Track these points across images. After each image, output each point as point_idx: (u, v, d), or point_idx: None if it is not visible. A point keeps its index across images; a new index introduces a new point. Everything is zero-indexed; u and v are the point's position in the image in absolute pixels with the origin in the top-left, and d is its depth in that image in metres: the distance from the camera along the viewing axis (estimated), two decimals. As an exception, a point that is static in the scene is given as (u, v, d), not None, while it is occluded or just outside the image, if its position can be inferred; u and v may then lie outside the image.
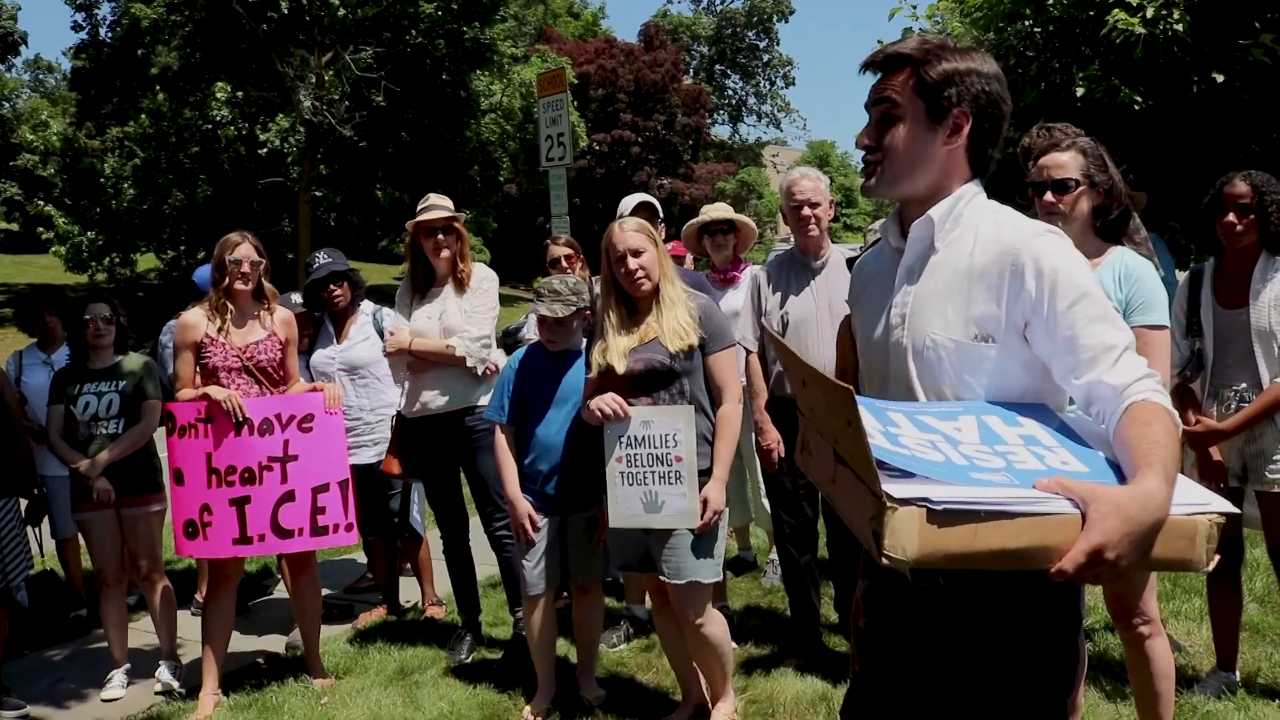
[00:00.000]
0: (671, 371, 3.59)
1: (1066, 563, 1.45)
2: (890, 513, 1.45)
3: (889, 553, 1.46)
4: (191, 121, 27.10)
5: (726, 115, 62.20)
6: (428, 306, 4.81)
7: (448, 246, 4.78)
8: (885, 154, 1.92)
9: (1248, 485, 3.77)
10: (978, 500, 1.47)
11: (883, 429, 1.66)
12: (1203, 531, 1.51)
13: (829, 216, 4.45)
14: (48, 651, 5.41)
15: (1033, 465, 1.61)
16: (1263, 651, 4.32)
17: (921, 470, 1.52)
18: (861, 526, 1.56)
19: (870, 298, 2.09)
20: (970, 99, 1.89)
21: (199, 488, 4.32)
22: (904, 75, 1.90)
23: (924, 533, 1.45)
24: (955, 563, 1.48)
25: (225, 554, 4.39)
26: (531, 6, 45.19)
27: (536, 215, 31.47)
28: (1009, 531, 1.46)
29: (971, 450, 1.64)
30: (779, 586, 5.26)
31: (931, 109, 1.89)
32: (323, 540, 4.44)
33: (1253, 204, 3.62)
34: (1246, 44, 7.37)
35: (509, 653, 4.85)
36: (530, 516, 3.99)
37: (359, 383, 5.25)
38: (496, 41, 28.28)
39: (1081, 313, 1.76)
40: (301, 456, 4.35)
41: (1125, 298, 3.04)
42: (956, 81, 1.88)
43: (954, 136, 1.91)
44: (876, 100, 1.94)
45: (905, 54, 1.91)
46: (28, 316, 6.16)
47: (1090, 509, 1.46)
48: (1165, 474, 1.51)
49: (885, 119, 1.92)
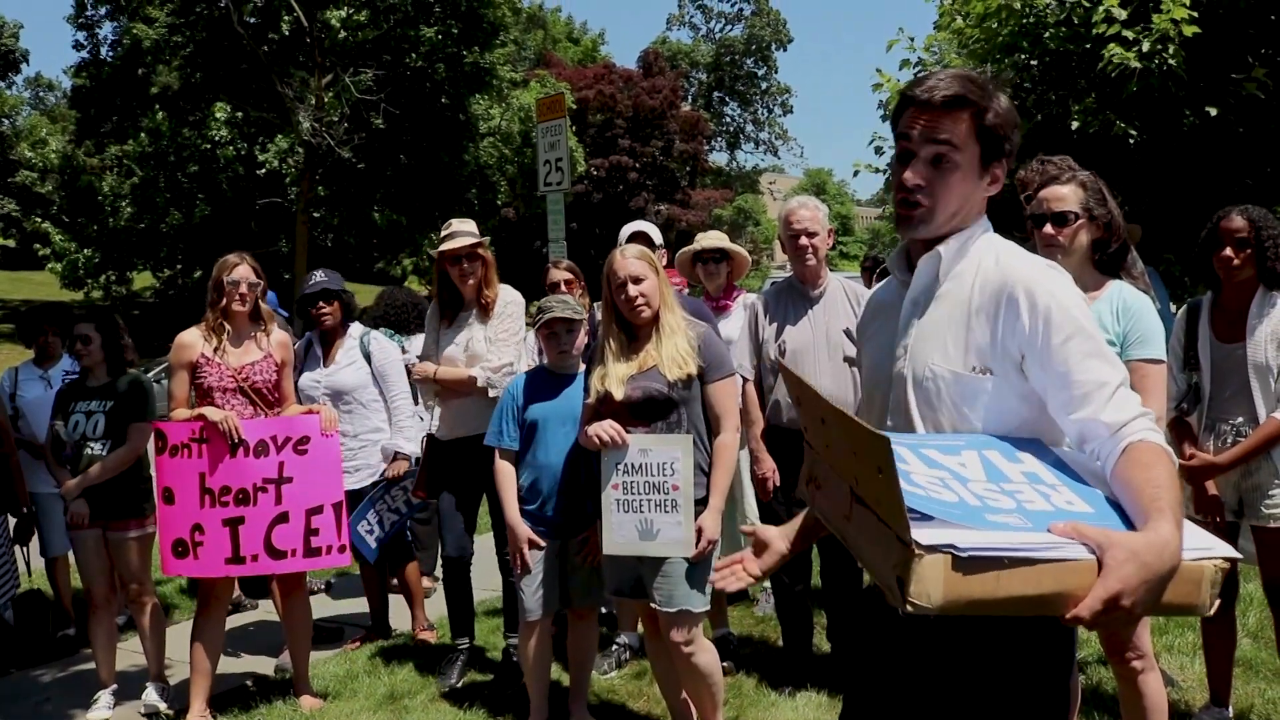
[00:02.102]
0: (669, 400, 3.59)
1: (1083, 609, 1.45)
2: (917, 560, 1.44)
3: (914, 599, 1.45)
4: (190, 141, 27.21)
5: (724, 142, 62.62)
6: (456, 333, 4.84)
7: (473, 274, 4.80)
8: (939, 201, 1.91)
9: (1244, 520, 3.76)
10: (1002, 547, 1.46)
11: None
12: (1208, 576, 1.52)
13: (827, 246, 4.46)
14: (34, 671, 5.36)
15: (1041, 505, 1.61)
16: (1256, 687, 4.30)
17: (939, 512, 1.52)
18: (883, 570, 1.55)
19: (877, 329, 2.10)
20: (1013, 151, 1.91)
21: (191, 507, 4.29)
22: (964, 118, 1.88)
23: (949, 580, 1.44)
24: (976, 609, 1.47)
25: (217, 573, 4.36)
26: (531, 32, 45.55)
27: (534, 239, 31.53)
28: (1030, 578, 1.46)
29: (981, 489, 1.64)
30: (772, 615, 5.24)
31: (986, 155, 1.90)
32: (315, 561, 4.43)
33: (1250, 239, 3.63)
34: (1240, 79, 7.43)
35: (500, 678, 4.82)
36: (531, 540, 3.97)
37: (343, 408, 5.15)
38: (496, 66, 28.49)
39: (1075, 349, 1.77)
40: (296, 479, 4.34)
41: (1123, 331, 3.05)
42: (1009, 133, 1.90)
43: (993, 185, 1.94)
44: (933, 140, 1.89)
45: (968, 98, 1.87)
46: (29, 332, 6.13)
47: (1106, 555, 1.46)
48: (1176, 519, 1.51)
49: (939, 160, 1.89)
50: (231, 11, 24.27)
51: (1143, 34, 7.31)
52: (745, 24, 62.86)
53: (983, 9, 8.35)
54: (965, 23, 8.85)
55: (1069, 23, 7.91)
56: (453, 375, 4.74)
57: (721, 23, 64.31)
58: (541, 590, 3.99)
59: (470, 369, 4.72)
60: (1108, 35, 7.43)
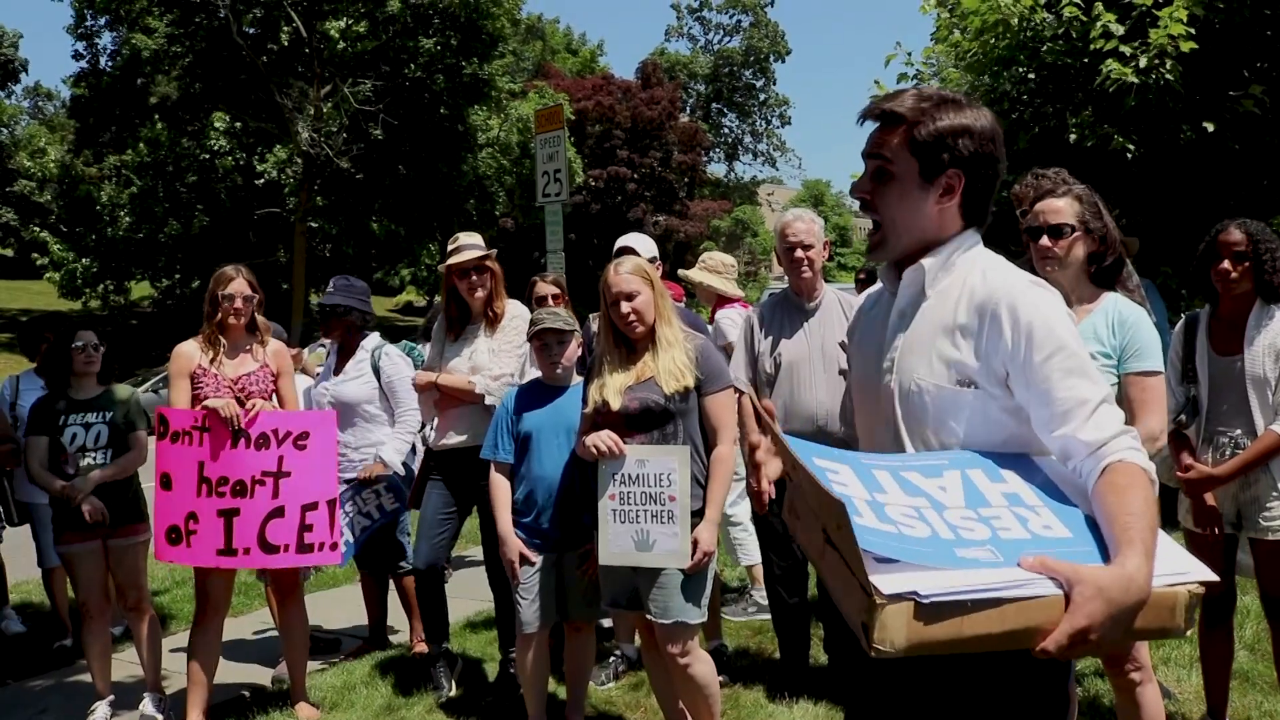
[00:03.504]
0: (666, 411, 3.60)
1: (1050, 644, 1.48)
2: (880, 609, 1.47)
3: (878, 645, 1.48)
4: (189, 151, 27.26)
5: (722, 153, 62.71)
6: (462, 346, 4.85)
7: (481, 286, 4.81)
8: (886, 225, 1.96)
9: (1242, 532, 3.77)
10: (965, 589, 1.49)
11: (869, 497, 1.67)
12: (1182, 602, 1.54)
13: (823, 258, 4.47)
14: (30, 682, 5.36)
15: (1018, 533, 1.62)
16: (1252, 700, 4.30)
17: (907, 556, 1.54)
18: (851, 613, 1.58)
19: (864, 341, 2.12)
20: (963, 160, 1.90)
21: (188, 495, 4.29)
22: (899, 133, 1.92)
23: (912, 627, 1.48)
24: (942, 649, 1.51)
25: (208, 563, 4.34)
26: (530, 43, 45.65)
27: (532, 250, 31.54)
28: (994, 618, 1.49)
29: (956, 518, 1.65)
30: (768, 625, 5.24)
31: (924, 169, 1.91)
32: (307, 558, 4.40)
33: (1247, 252, 3.64)
34: (1237, 95, 7.47)
35: (497, 690, 4.82)
36: (522, 554, 3.97)
37: (346, 421, 5.20)
38: (495, 77, 28.56)
39: (1057, 365, 1.78)
40: (295, 473, 4.34)
41: (1120, 345, 3.06)
42: (950, 143, 1.89)
43: (946, 197, 1.93)
44: (871, 154, 1.96)
45: (899, 112, 1.92)
46: (30, 341, 6.13)
47: (1074, 592, 1.48)
48: (1145, 550, 1.53)
49: (879, 173, 1.95)
50: (231, 22, 24.37)
51: (1140, 49, 7.35)
52: (744, 35, 63.05)
53: (980, 23, 8.38)
54: (962, 36, 8.89)
55: (1066, 37, 7.95)
56: (454, 382, 4.74)
57: (720, 34, 64.55)
58: (538, 603, 3.99)
59: (470, 377, 4.73)
60: (1105, 50, 7.47)
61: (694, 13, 64.54)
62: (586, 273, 23.34)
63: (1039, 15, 8.09)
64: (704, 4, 63.86)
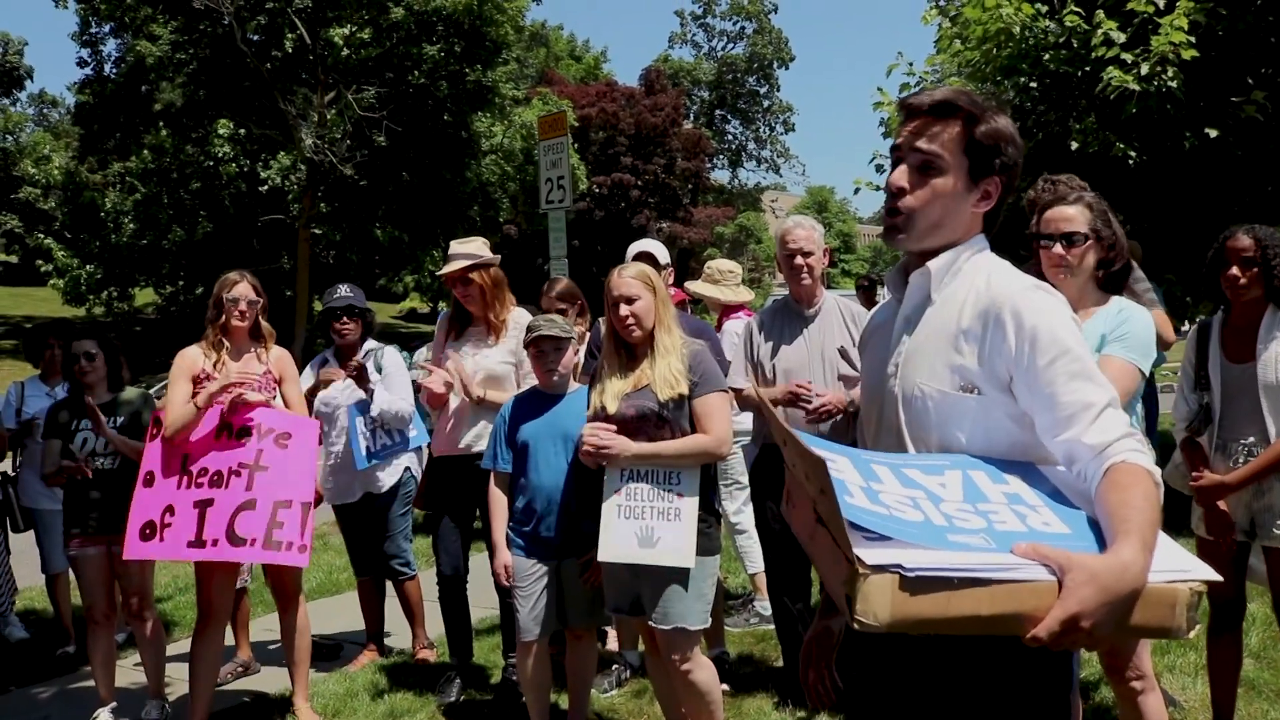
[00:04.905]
0: (661, 418, 3.60)
1: (1041, 630, 1.46)
2: (863, 579, 1.46)
3: (861, 617, 1.47)
4: (193, 158, 27.30)
5: (726, 160, 62.67)
6: (464, 345, 4.89)
7: (470, 295, 4.85)
8: (918, 208, 1.91)
9: (1255, 541, 3.74)
10: (951, 567, 1.47)
11: (864, 484, 1.66)
12: (1183, 599, 1.51)
13: (823, 265, 4.47)
14: (34, 688, 5.36)
15: (1013, 526, 1.61)
16: (1259, 708, 4.29)
17: (897, 533, 1.52)
18: (836, 588, 1.57)
19: (873, 346, 2.11)
20: (1006, 168, 1.90)
21: (168, 489, 4.29)
22: (953, 128, 1.89)
23: (896, 599, 1.46)
24: (928, 628, 1.49)
25: (178, 556, 4.33)
26: (534, 49, 45.70)
27: (536, 256, 31.56)
28: (982, 598, 1.47)
29: (952, 509, 1.64)
30: (771, 633, 5.22)
31: (974, 169, 1.90)
32: (273, 555, 4.29)
33: (1256, 257, 3.61)
34: (1239, 101, 7.47)
35: (499, 697, 4.81)
36: (506, 567, 3.99)
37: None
38: (498, 83, 28.55)
39: (1061, 369, 1.76)
40: (271, 468, 4.33)
41: (1111, 327, 3.07)
42: (1001, 148, 1.89)
43: (983, 201, 1.93)
44: (920, 146, 1.90)
45: (959, 105, 1.89)
46: (34, 348, 6.15)
47: (1066, 577, 1.47)
48: (1143, 542, 1.51)
49: (926, 167, 1.90)
50: (235, 29, 24.40)
51: (1141, 57, 7.37)
52: (747, 42, 63.04)
53: (981, 32, 8.39)
54: (964, 45, 8.90)
55: (1068, 45, 7.96)
56: (494, 397, 4.70)
57: (724, 41, 64.52)
58: (539, 610, 3.98)
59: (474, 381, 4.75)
60: (1107, 58, 7.48)
61: (698, 19, 64.57)
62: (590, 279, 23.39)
63: (1041, 23, 8.11)
64: (708, 10, 63.87)
